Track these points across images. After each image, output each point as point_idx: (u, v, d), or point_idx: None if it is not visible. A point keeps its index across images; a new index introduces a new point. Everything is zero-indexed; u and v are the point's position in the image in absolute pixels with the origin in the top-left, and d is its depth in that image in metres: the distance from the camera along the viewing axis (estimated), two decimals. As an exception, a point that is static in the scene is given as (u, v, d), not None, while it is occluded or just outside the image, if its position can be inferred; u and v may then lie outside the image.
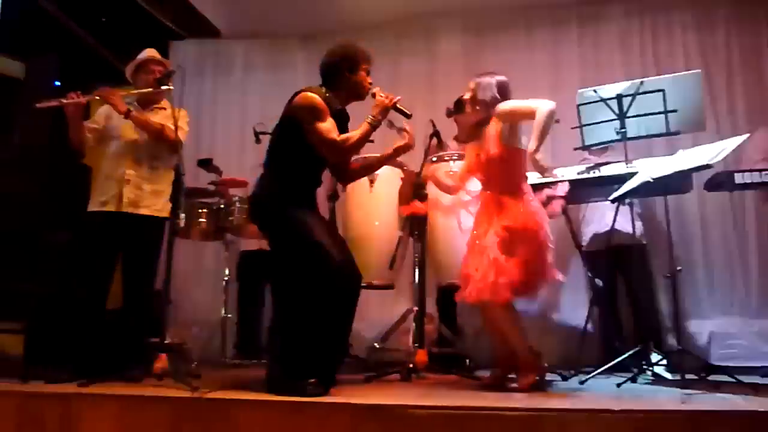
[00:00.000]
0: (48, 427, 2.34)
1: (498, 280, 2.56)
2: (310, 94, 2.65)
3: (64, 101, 3.01)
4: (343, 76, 2.74)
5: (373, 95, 2.74)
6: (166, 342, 2.85)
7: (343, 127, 2.75)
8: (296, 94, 2.69)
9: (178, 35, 5.15)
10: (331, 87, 2.75)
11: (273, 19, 4.94)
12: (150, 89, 3.19)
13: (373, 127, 2.68)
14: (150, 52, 3.37)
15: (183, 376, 2.63)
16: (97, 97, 3.10)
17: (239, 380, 2.89)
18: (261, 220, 2.77)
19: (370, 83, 2.79)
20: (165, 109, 3.32)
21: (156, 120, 3.21)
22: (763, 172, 3.12)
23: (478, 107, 2.83)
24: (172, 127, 2.99)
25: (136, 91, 3.25)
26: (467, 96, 2.88)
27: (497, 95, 2.78)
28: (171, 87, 3.07)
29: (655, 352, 3.07)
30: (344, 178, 3.08)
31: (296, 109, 2.65)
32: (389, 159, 2.98)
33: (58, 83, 4.76)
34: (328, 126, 2.62)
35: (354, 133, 2.68)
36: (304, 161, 2.69)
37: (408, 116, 2.78)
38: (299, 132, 2.64)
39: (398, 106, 2.73)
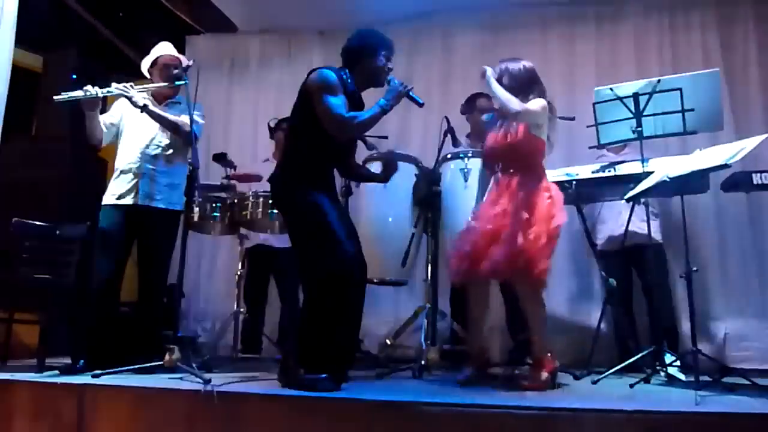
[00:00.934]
0: (63, 418, 2.37)
1: (532, 257, 2.56)
2: (324, 70, 2.65)
3: (81, 95, 3.04)
4: (362, 61, 2.74)
5: (388, 82, 2.73)
6: (179, 335, 2.87)
7: (357, 111, 2.72)
8: (312, 71, 2.70)
9: (194, 30, 5.17)
10: (351, 71, 2.74)
11: (289, 15, 4.94)
12: (165, 83, 3.21)
13: (384, 110, 2.63)
14: (165, 47, 3.39)
15: (195, 369, 2.65)
16: (114, 92, 3.12)
17: (251, 374, 2.91)
18: (278, 201, 2.78)
19: (389, 69, 2.78)
20: (180, 103, 3.34)
21: (171, 114, 3.24)
22: (782, 173, 3.09)
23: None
24: (188, 122, 3.02)
25: (151, 86, 3.28)
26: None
27: (525, 79, 2.83)
28: (186, 81, 3.09)
29: (669, 352, 3.05)
30: (346, 172, 3.07)
31: (309, 85, 2.65)
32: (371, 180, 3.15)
33: (75, 77, 4.81)
34: (337, 102, 2.58)
35: (363, 113, 2.66)
36: (319, 139, 2.65)
37: (420, 105, 2.75)
38: (311, 108, 2.62)
39: (411, 93, 2.71)
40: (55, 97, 3.03)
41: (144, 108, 3.11)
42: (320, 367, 2.41)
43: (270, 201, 3.79)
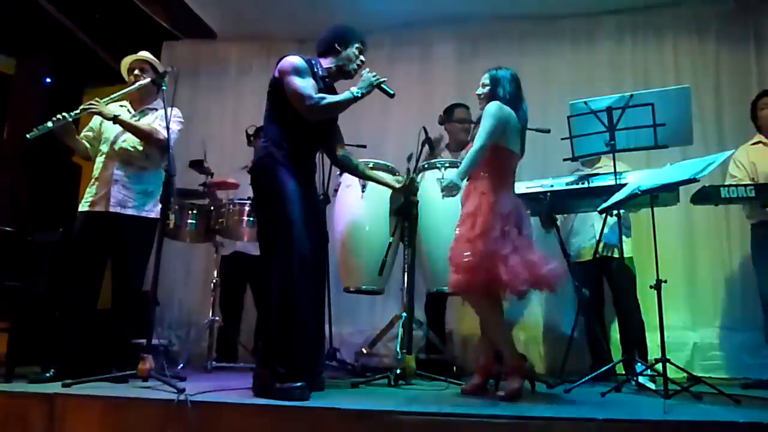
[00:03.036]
0: (32, 428, 2.32)
1: (494, 269, 2.57)
2: (291, 55, 2.74)
3: (51, 125, 3.00)
4: (334, 51, 2.85)
5: (360, 74, 2.79)
6: (152, 343, 2.84)
7: None
8: (280, 58, 2.76)
9: (173, 35, 5.14)
10: (323, 60, 2.85)
11: (269, 23, 4.95)
12: (134, 87, 3.19)
13: (354, 98, 2.67)
14: (142, 55, 3.37)
15: (169, 378, 2.62)
16: (81, 113, 3.09)
17: (225, 383, 2.88)
18: (253, 187, 2.77)
19: (362, 62, 2.85)
20: (157, 109, 3.32)
21: (147, 121, 3.22)
22: (748, 187, 3.19)
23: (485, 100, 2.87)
24: (162, 129, 3.00)
25: (122, 92, 3.23)
26: (481, 91, 2.91)
27: (506, 89, 2.83)
28: (163, 87, 3.07)
29: (639, 361, 3.11)
30: (333, 158, 3.10)
31: (278, 70, 2.72)
32: (378, 182, 3.22)
33: (49, 80, 4.74)
34: (304, 82, 2.66)
35: (333, 96, 2.72)
36: (292, 124, 2.70)
37: (391, 96, 2.80)
38: (283, 94, 2.68)
39: (383, 85, 2.75)
40: (28, 135, 3.01)
41: (115, 119, 3.09)
42: (293, 376, 2.41)
43: (247, 208, 3.81)
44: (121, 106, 3.25)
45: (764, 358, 3.55)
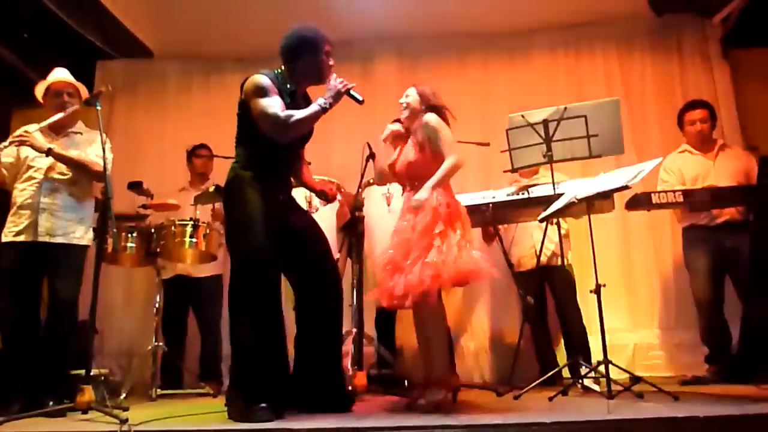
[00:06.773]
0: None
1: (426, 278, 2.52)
2: (256, 75, 2.63)
3: None
4: (303, 58, 2.70)
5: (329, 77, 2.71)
6: (91, 373, 2.72)
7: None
8: (245, 80, 2.67)
9: (107, 55, 4.99)
10: (289, 70, 2.72)
11: (207, 42, 4.89)
12: (68, 113, 3.07)
13: (323, 109, 2.59)
14: (58, 74, 3.25)
15: (110, 410, 2.51)
16: (9, 145, 2.94)
17: (170, 412, 2.79)
18: (224, 205, 2.75)
19: (331, 66, 2.75)
20: (81, 133, 3.21)
21: (72, 146, 3.12)
22: (677, 192, 3.36)
23: (411, 113, 2.91)
24: (95, 158, 2.91)
25: (54, 118, 3.06)
26: (404, 100, 2.95)
27: (429, 103, 2.88)
28: (97, 107, 2.96)
29: (583, 365, 3.19)
30: (297, 178, 3.00)
31: (244, 93, 2.64)
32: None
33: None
34: (270, 101, 2.55)
35: (301, 112, 2.60)
36: (262, 145, 2.63)
37: (360, 102, 2.72)
38: (251, 116, 2.61)
39: (351, 92, 2.68)
40: None
41: (49, 152, 2.97)
42: (258, 396, 2.36)
43: (189, 230, 3.72)
44: (39, 131, 3.05)
45: (700, 355, 3.71)
